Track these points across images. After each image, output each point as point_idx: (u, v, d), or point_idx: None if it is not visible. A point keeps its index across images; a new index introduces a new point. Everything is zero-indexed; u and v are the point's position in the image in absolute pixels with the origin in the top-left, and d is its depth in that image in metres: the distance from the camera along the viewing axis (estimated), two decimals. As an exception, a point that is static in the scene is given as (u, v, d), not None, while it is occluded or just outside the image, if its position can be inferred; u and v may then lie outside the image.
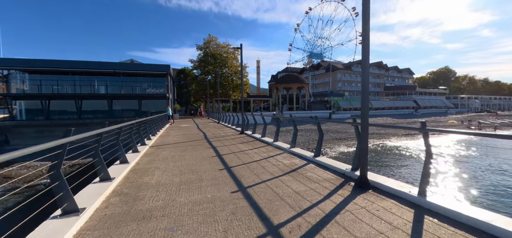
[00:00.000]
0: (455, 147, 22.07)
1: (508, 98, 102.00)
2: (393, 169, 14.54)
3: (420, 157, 17.90)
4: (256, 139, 10.73)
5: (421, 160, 16.68)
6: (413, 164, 15.98)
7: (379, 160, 17.18)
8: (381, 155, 18.99)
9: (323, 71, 73.02)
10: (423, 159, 11.45)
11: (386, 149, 21.58)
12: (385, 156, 18.64)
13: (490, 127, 38.35)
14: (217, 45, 36.95)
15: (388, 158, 17.94)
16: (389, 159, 17.65)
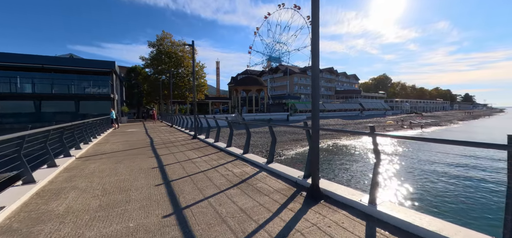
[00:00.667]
0: (394, 146, 24.86)
1: (430, 102, 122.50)
2: (344, 172, 15.33)
3: (367, 155, 19.56)
4: (209, 144, 9.94)
5: (367, 159, 18.19)
6: (362, 163, 17.25)
7: (331, 160, 18.07)
8: (333, 155, 20.09)
9: (281, 74, 75.65)
10: (370, 157, 12.18)
11: (338, 148, 22.98)
12: (336, 156, 19.75)
13: (417, 126, 44.97)
14: (172, 42, 34.55)
15: (339, 157, 19.02)
16: (340, 158, 18.71)
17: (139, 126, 23.44)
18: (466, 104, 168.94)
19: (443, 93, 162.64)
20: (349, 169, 15.38)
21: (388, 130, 39.75)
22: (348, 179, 13.02)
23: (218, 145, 9.10)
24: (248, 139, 7.35)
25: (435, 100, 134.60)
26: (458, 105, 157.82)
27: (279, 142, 25.88)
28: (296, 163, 16.68)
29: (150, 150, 8.76)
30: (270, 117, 46.20)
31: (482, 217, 7.81)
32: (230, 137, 8.60)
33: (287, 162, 17.15)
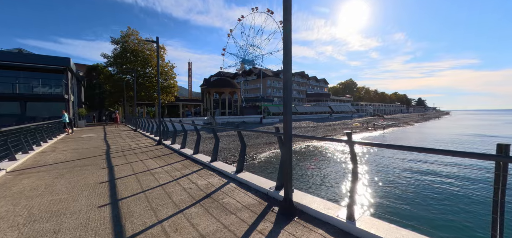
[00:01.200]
0: (368, 150, 26.11)
1: (390, 105, 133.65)
2: (316, 177, 15.42)
3: (338, 157, 20.14)
4: (174, 151, 9.09)
5: (339, 160, 18.69)
6: (333, 164, 17.62)
7: (303, 163, 18.17)
8: (305, 157, 20.29)
9: (254, 77, 75.78)
10: (340, 159, 12.09)
11: (309, 151, 23.34)
12: (308, 158, 19.97)
13: (380, 127, 48.39)
14: (138, 40, 32.18)
15: (312, 160, 19.24)
16: (312, 161, 18.92)
17: (98, 131, 21.15)
18: (420, 107, 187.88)
19: (401, 97, 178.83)
20: (322, 173, 15.53)
21: (355, 131, 42.01)
22: (320, 183, 13.05)
23: (184, 152, 8.32)
24: (216, 145, 6.74)
25: (394, 104, 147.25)
26: (413, 109, 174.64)
27: (252, 145, 25.52)
28: (268, 169, 16.41)
29: (103, 159, 7.62)
30: (244, 120, 45.73)
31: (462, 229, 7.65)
32: (197, 143, 7.89)
33: (260, 166, 16.80)
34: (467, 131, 44.05)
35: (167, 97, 34.36)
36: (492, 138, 32.95)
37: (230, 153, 20.70)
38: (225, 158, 18.69)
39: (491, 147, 24.91)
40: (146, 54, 31.38)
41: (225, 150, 21.76)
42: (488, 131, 43.66)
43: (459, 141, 29.87)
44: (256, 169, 15.84)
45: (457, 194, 10.87)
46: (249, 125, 41.99)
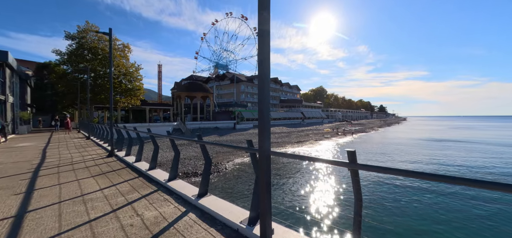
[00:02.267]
0: (331, 154, 26.37)
1: (356, 111, 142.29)
2: (295, 192, 14.78)
3: (316, 166, 19.84)
4: (127, 165, 7.57)
5: (316, 170, 18.33)
6: (309, 176, 17.18)
7: (279, 173, 17.46)
8: (280, 166, 19.64)
9: (228, 82, 74.49)
10: (319, 169, 11.15)
11: (281, 160, 22.77)
12: (286, 170, 19.34)
13: (349, 132, 50.53)
14: (99, 37, 29.04)
15: (288, 170, 18.64)
16: (289, 170, 18.32)
17: (41, 139, 18.01)
18: (381, 114, 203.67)
19: (365, 104, 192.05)
20: (302, 187, 14.93)
21: (326, 137, 43.10)
22: (301, 203, 12.37)
23: (139, 167, 6.90)
24: (176, 159, 5.54)
25: (360, 110, 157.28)
26: (376, 115, 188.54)
27: (225, 151, 24.22)
28: (241, 182, 15.33)
29: (26, 179, 5.87)
30: (216, 126, 44.10)
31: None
32: (154, 156, 6.57)
33: (232, 178, 15.63)
34: (424, 135, 48.07)
35: (132, 100, 31.46)
36: (442, 142, 36.13)
37: (200, 162, 19.18)
38: (194, 168, 17.17)
39: (438, 150, 26.99)
40: (107, 52, 28.34)
41: (195, 158, 20.17)
42: (439, 135, 48.14)
43: (420, 146, 32.10)
44: (227, 182, 14.66)
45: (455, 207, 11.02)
46: (222, 131, 40.52)
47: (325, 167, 17.78)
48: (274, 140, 34.39)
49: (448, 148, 29.70)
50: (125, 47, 30.34)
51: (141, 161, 7.39)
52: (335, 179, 14.75)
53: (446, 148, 30.22)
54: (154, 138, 6.74)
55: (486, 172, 17.41)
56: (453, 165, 19.49)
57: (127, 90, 30.73)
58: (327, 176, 15.47)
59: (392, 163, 21.17)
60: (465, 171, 17.77)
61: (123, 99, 30.93)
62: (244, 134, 38.42)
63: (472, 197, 11.23)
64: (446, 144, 34.43)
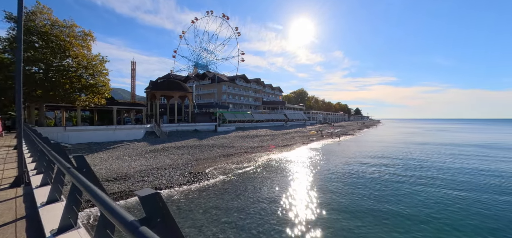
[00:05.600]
0: (304, 159, 24.45)
1: (335, 114, 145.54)
2: (293, 208, 12.24)
3: (307, 172, 17.53)
4: (29, 208, 4.34)
5: (310, 176, 15.99)
6: (304, 184, 14.81)
7: (271, 183, 14.83)
8: (271, 174, 17.03)
9: (208, 81, 70.59)
10: (311, 175, 8.17)
11: (272, 167, 20.26)
12: (277, 176, 16.78)
13: (333, 135, 49.70)
14: (52, 22, 24.26)
15: (281, 179, 16.10)
16: (282, 180, 15.79)
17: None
18: (358, 116, 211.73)
19: (343, 107, 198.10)
20: (297, 201, 12.42)
21: (312, 139, 41.59)
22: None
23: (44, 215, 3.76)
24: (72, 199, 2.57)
25: (338, 113, 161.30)
26: (353, 117, 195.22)
27: (206, 158, 21.07)
28: (225, 201, 12.46)
29: None
30: (196, 128, 40.42)
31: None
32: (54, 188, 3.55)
33: (214, 193, 12.65)
34: (411, 139, 48.75)
35: (95, 98, 26.88)
36: (432, 145, 36.29)
37: (177, 172, 15.89)
38: (169, 180, 13.90)
39: (440, 156, 26.47)
40: (63, 40, 23.74)
41: (171, 167, 16.81)
42: (422, 139, 49.17)
43: (421, 151, 31.60)
44: (209, 195, 11.66)
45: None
46: (203, 134, 37.01)
47: (298, 160, 15.61)
48: (259, 144, 31.84)
49: (459, 154, 29.47)
50: (86, 34, 25.82)
51: (58, 201, 3.99)
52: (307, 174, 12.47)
53: (458, 154, 30.02)
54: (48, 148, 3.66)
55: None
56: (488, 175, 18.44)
57: (88, 86, 26.16)
58: (301, 173, 13.23)
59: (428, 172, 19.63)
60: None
61: (83, 97, 26.27)
62: (226, 137, 35.33)
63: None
64: (446, 147, 34.51)
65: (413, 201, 11.46)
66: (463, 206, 10.80)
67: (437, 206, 10.74)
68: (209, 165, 18.80)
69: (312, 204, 10.91)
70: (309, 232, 8.29)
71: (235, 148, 27.28)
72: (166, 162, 18.29)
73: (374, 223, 9.02)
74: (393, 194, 12.51)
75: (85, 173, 3.03)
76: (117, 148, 23.16)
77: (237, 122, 52.78)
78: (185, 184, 13.42)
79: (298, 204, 10.89)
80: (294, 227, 8.65)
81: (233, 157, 22.55)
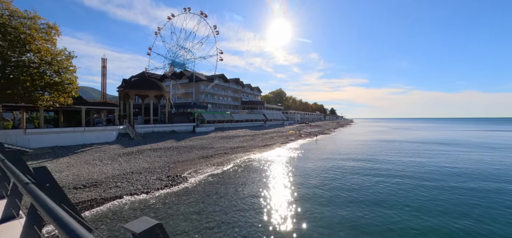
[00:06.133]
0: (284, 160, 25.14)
1: (312, 113, 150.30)
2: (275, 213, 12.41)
3: (287, 173, 17.89)
4: None
5: (290, 177, 16.34)
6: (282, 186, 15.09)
7: (251, 185, 14.89)
8: (249, 174, 17.11)
9: (186, 80, 68.60)
10: (291, 176, 8.48)
11: (252, 167, 20.37)
12: (255, 177, 16.88)
13: (311, 135, 51.37)
14: (11, 12, 21.94)
15: (259, 179, 16.22)
16: (260, 180, 15.92)
17: None
18: (333, 116, 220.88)
19: (319, 107, 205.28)
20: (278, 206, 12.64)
21: (291, 139, 42.53)
22: (282, 212, 10.03)
23: None
24: None
25: (315, 113, 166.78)
26: (328, 117, 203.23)
27: (184, 160, 20.50)
28: (202, 206, 12.29)
29: None
30: (173, 129, 39.12)
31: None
32: None
33: (191, 203, 12.40)
34: (380, 137, 51.96)
35: (60, 97, 24.83)
36: (396, 143, 39.11)
37: (154, 175, 15.28)
38: (145, 185, 13.31)
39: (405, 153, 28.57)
40: (22, 32, 21.56)
41: (146, 171, 16.10)
42: (390, 137, 52.74)
43: (388, 148, 33.71)
44: (189, 200, 11.39)
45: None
46: (180, 135, 35.96)
47: (279, 160, 16.04)
48: (239, 144, 31.79)
49: (420, 150, 31.70)
50: (51, 27, 23.69)
51: (16, 218, 3.65)
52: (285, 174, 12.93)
53: (418, 149, 32.25)
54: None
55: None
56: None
57: (53, 84, 24.08)
58: (279, 172, 13.64)
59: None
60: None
61: (47, 96, 24.09)
62: (205, 138, 34.70)
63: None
64: (410, 144, 37.17)
65: (381, 190, 12.80)
66: (423, 192, 11.93)
67: (400, 193, 12.08)
68: (188, 167, 18.35)
69: (294, 203, 11.21)
70: (293, 232, 8.49)
71: (214, 149, 26.93)
72: (141, 166, 17.48)
73: (351, 212, 9.99)
74: (365, 185, 13.69)
75: (48, 189, 2.75)
76: (86, 151, 21.61)
77: (216, 123, 52.14)
78: (163, 189, 12.95)
79: (280, 204, 11.09)
80: (278, 227, 8.81)
81: (213, 158, 22.25)
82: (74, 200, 10.53)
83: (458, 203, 11.40)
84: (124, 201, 10.98)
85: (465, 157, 24.48)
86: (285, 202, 11.37)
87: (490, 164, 20.74)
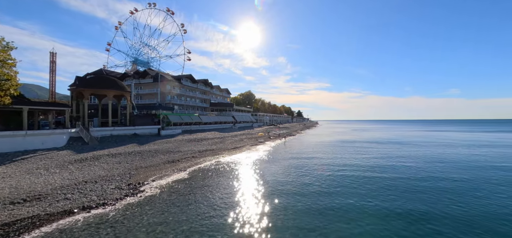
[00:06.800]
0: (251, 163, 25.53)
1: (280, 116, 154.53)
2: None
3: (257, 179, 17.90)
4: None
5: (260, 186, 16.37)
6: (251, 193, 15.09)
7: (220, 189, 14.57)
8: (219, 178, 16.75)
9: (150, 80, 64.45)
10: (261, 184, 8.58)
11: (223, 171, 19.99)
12: (223, 184, 16.58)
13: (281, 136, 52.67)
14: None
15: (230, 185, 15.97)
16: (231, 188, 15.69)
17: None
18: (299, 118, 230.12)
19: (287, 109, 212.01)
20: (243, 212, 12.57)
21: (260, 141, 42.96)
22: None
23: None
24: None
25: (283, 115, 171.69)
26: (295, 119, 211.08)
27: (148, 166, 19.14)
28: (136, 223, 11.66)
29: None
30: (135, 132, 36.38)
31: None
32: None
33: (161, 208, 11.67)
34: (342, 137, 55.52)
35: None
36: (357, 143, 42.28)
37: (113, 184, 13.92)
38: (102, 195, 12.00)
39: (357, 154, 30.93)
40: None
41: (104, 180, 14.60)
42: (349, 137, 56.79)
43: (350, 146, 36.02)
44: (153, 209, 10.64)
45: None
46: (144, 138, 33.65)
47: (249, 162, 16.23)
48: (208, 147, 31.01)
49: (375, 148, 34.29)
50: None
51: None
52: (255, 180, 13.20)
53: (375, 148, 34.87)
54: None
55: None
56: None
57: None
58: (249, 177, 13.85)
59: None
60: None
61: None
62: (171, 141, 32.99)
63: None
64: (368, 144, 40.17)
65: (342, 184, 14.20)
66: (377, 182, 13.08)
67: (359, 184, 13.28)
68: (152, 173, 17.19)
69: (264, 204, 11.26)
70: (263, 233, 8.46)
71: (182, 153, 25.78)
72: (97, 174, 15.82)
73: (317, 207, 10.84)
74: (328, 180, 14.73)
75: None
76: (28, 159, 18.79)
77: (184, 125, 50.11)
78: (123, 199, 11.87)
79: (251, 207, 11.00)
80: (249, 231, 8.69)
81: (180, 163, 21.25)
82: (9, 219, 9.00)
83: (406, 189, 13.76)
84: (77, 217, 9.75)
85: (412, 154, 27.69)
86: (255, 205, 11.35)
87: (432, 159, 23.72)
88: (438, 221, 9.72)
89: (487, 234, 8.68)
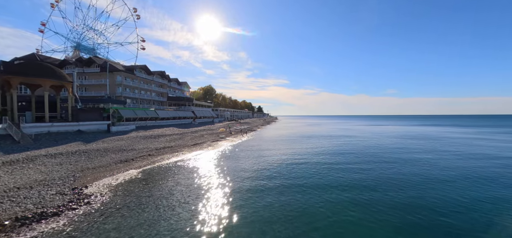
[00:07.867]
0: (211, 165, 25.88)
1: (241, 111, 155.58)
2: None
3: (218, 184, 17.97)
4: None
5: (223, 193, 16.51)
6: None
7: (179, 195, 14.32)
8: (177, 189, 16.39)
9: (97, 69, 57.43)
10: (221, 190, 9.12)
11: (183, 169, 19.52)
12: (183, 183, 16.30)
13: (243, 132, 53.27)
14: None
15: (190, 184, 15.77)
16: (192, 187, 15.52)
17: None
18: (260, 114, 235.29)
19: (248, 104, 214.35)
20: (209, 197, 12.70)
21: (221, 137, 42.78)
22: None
23: None
24: None
25: (244, 110, 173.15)
26: (256, 114, 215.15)
27: (96, 167, 17.45)
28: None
29: None
30: (80, 128, 32.33)
31: None
32: None
33: (112, 214, 11.00)
34: (299, 131, 58.99)
35: None
36: (314, 138, 45.67)
37: (53, 189, 12.38)
38: (40, 203, 10.63)
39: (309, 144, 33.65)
40: None
41: (41, 185, 12.85)
42: (306, 131, 60.86)
43: (307, 140, 38.45)
44: (104, 216, 9.97)
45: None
46: (90, 136, 30.27)
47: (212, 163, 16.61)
48: (166, 144, 29.66)
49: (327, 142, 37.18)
50: None
51: None
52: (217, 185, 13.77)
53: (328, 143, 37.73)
54: None
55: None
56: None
57: None
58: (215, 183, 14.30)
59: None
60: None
61: None
62: (124, 138, 30.42)
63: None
64: (323, 137, 43.41)
65: (302, 174, 15.19)
66: (331, 172, 14.70)
67: (311, 171, 14.18)
68: (101, 175, 15.80)
69: (228, 201, 11.54)
70: (226, 230, 8.77)
71: (136, 151, 24.16)
72: (33, 178, 13.85)
73: (280, 202, 11.56)
74: (289, 172, 15.58)
75: None
76: None
77: (138, 120, 46.58)
78: (67, 206, 10.74)
79: (213, 206, 11.12)
80: (212, 229, 8.89)
81: (135, 162, 19.94)
82: None
83: (357, 177, 15.01)
84: (8, 230, 8.51)
85: (360, 144, 31.38)
86: (217, 204, 11.54)
87: (376, 148, 27.33)
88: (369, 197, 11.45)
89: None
